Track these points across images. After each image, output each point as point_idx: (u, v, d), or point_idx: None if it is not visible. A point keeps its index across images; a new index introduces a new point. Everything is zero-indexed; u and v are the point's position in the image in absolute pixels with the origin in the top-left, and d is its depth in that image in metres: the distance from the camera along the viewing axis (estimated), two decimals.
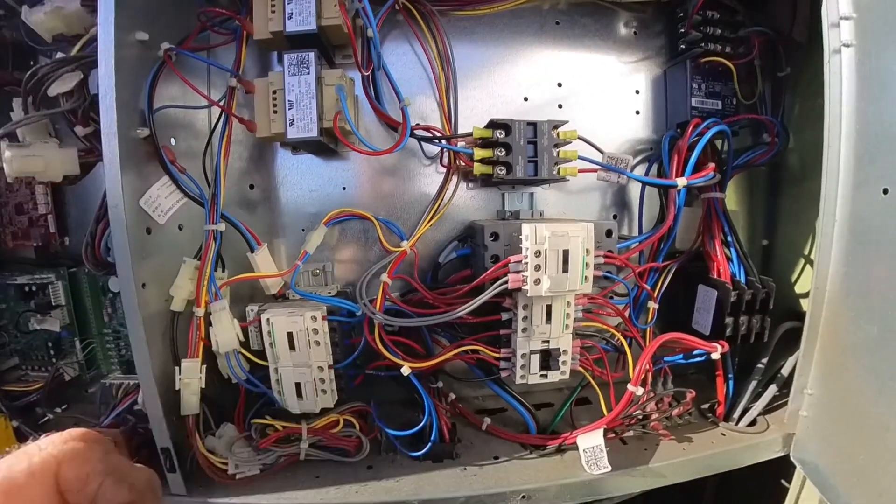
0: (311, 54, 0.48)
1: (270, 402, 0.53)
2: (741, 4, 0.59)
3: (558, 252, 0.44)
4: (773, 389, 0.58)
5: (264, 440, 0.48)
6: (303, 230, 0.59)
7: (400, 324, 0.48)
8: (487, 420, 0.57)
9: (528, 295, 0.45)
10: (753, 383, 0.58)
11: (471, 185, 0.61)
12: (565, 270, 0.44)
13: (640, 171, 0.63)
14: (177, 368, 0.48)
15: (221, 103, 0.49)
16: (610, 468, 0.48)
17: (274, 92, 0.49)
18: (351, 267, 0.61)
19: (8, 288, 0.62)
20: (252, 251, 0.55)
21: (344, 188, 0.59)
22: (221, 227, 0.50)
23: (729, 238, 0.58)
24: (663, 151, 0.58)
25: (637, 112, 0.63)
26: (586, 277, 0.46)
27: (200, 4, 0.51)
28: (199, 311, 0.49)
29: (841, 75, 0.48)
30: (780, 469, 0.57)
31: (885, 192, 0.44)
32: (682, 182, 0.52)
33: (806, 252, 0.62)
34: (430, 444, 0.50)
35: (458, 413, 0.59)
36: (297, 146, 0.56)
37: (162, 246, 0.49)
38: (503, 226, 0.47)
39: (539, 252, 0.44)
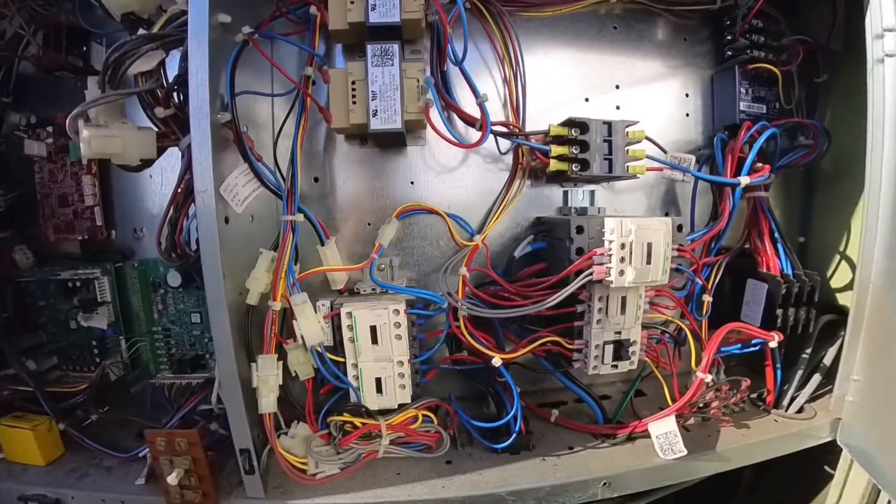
0: (396, 46, 0.48)
1: (340, 399, 0.52)
2: (783, 15, 0.63)
3: (643, 245, 0.46)
4: (817, 378, 0.62)
5: (346, 437, 0.48)
6: (368, 224, 0.59)
7: (488, 315, 0.48)
8: (555, 412, 0.58)
9: (614, 286, 0.47)
10: (799, 372, 0.62)
11: (530, 182, 0.62)
12: (648, 262, 0.46)
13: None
14: (253, 365, 0.47)
15: (297, 98, 0.49)
16: (686, 452, 0.50)
17: (353, 83, 0.49)
18: (415, 263, 0.61)
19: (48, 284, 0.59)
20: (322, 244, 0.54)
21: (412, 182, 0.59)
22: (300, 217, 0.49)
23: (776, 234, 0.62)
24: (716, 151, 0.61)
25: (687, 115, 0.66)
26: (666, 270, 0.48)
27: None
28: (276, 305, 0.48)
29: (884, 83, 0.52)
30: (819, 455, 0.61)
31: None
32: (745, 181, 0.55)
33: (841, 248, 0.66)
34: (514, 436, 0.50)
35: (524, 406, 0.60)
36: (371, 138, 0.55)
37: (237, 237, 0.48)
38: (587, 220, 0.48)
39: (624, 245, 0.46)
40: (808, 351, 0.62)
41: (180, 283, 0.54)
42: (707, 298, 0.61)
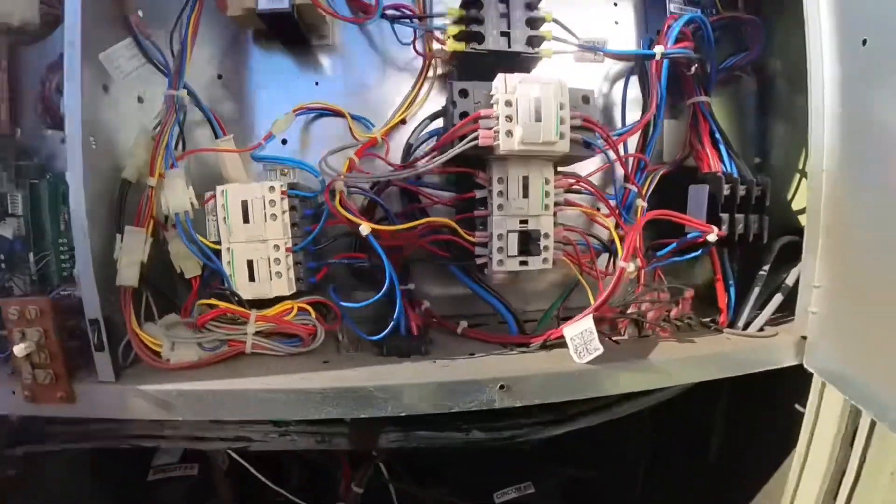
0: None
1: (219, 289, 0.48)
2: None
3: (530, 100, 0.42)
4: (778, 298, 0.53)
5: (203, 316, 0.43)
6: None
7: (358, 184, 0.44)
8: (464, 323, 0.52)
9: (501, 150, 0.43)
10: (756, 290, 0.54)
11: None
12: (538, 119, 0.42)
13: (620, 82, 0.62)
14: (118, 236, 0.44)
15: None
16: (602, 349, 0.42)
17: None
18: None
19: None
20: (217, 138, 0.53)
21: (317, 83, 0.58)
22: (182, 93, 0.48)
23: (717, 136, 0.56)
24: (644, 48, 0.57)
25: (616, 23, 0.63)
26: (562, 133, 0.43)
27: None
28: (152, 181, 0.46)
29: None
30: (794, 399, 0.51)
31: (864, 42, 0.42)
32: (659, 50, 0.51)
33: (799, 166, 0.60)
34: (391, 326, 0.44)
35: (433, 323, 0.54)
36: (270, 30, 0.55)
37: (119, 111, 0.47)
38: (473, 84, 0.45)
39: (510, 102, 0.42)
40: (766, 268, 0.55)
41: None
42: (641, 203, 0.55)
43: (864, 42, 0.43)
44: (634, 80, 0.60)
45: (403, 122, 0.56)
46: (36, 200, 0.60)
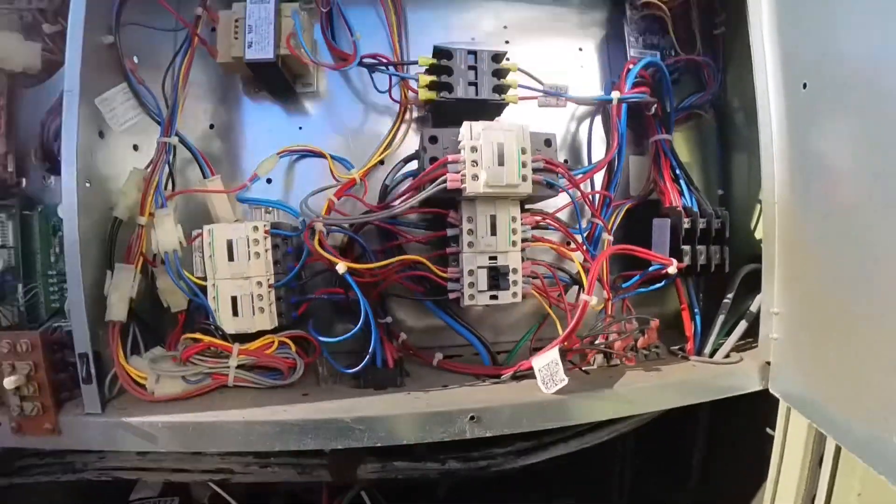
0: None
1: (204, 324, 0.52)
2: None
3: (493, 145, 0.47)
4: (743, 326, 0.57)
5: (188, 349, 0.47)
6: None
7: (336, 223, 0.49)
8: (439, 355, 0.55)
9: (467, 192, 0.47)
10: (721, 317, 0.58)
11: (423, 128, 0.64)
12: (500, 164, 0.46)
13: (586, 123, 0.67)
14: (108, 272, 0.48)
15: (185, 38, 0.55)
16: (566, 381, 0.45)
17: (236, 21, 0.55)
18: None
19: None
20: (205, 177, 0.57)
21: (300, 128, 0.63)
22: (174, 140, 0.53)
23: (678, 172, 0.61)
24: (605, 93, 0.62)
25: (581, 66, 0.69)
26: (524, 175, 0.48)
27: None
28: (143, 220, 0.51)
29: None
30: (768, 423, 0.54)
31: (805, 86, 0.48)
32: (615, 95, 0.56)
33: (759, 197, 0.64)
34: (366, 359, 0.48)
35: (410, 354, 0.57)
36: (257, 79, 0.61)
37: (114, 156, 0.52)
38: (441, 131, 0.49)
39: (475, 148, 0.47)
40: (730, 296, 0.59)
41: None
42: (606, 237, 0.59)
43: (805, 85, 0.48)
44: (599, 119, 0.65)
45: (381, 162, 0.61)
46: (27, 231, 0.64)
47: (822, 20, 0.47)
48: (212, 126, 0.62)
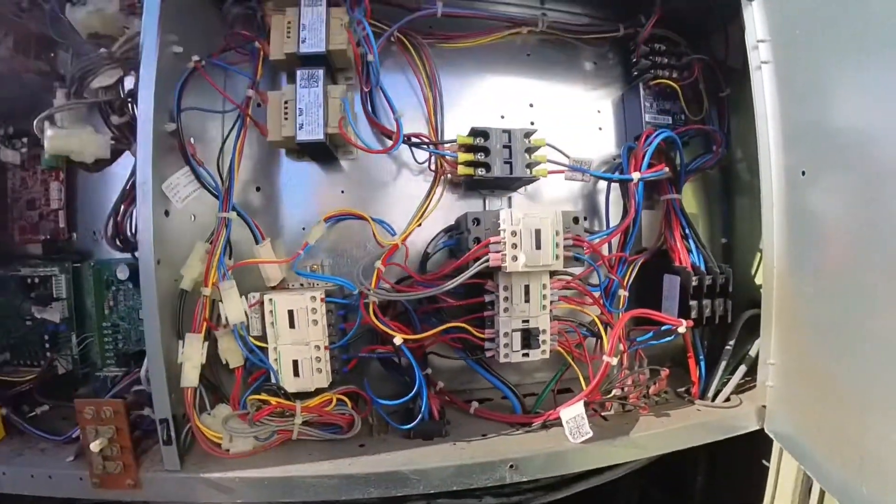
0: (321, 71, 0.59)
1: (267, 386, 0.58)
2: (683, 38, 0.74)
3: (531, 231, 0.53)
4: (742, 370, 0.65)
5: (258, 412, 0.53)
6: (303, 229, 0.67)
7: (391, 298, 0.54)
8: (475, 404, 0.62)
9: (507, 270, 0.53)
10: (723, 364, 0.65)
11: (456, 192, 0.70)
12: (538, 247, 0.53)
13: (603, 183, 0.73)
14: (180, 342, 0.53)
15: (237, 119, 0.59)
16: (591, 434, 0.53)
17: (285, 103, 0.59)
18: (345, 265, 0.68)
19: (9, 281, 0.67)
20: (257, 243, 0.62)
21: (342, 192, 0.68)
22: (232, 215, 0.58)
23: (687, 231, 0.68)
24: (623, 158, 0.69)
25: (600, 129, 0.75)
26: (557, 255, 0.54)
27: (226, 28, 0.63)
28: (207, 291, 0.55)
29: (763, 86, 0.61)
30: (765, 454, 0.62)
31: (803, 173, 0.54)
32: (636, 175, 0.62)
33: (760, 247, 0.71)
34: (419, 417, 0.54)
35: (447, 401, 0.64)
36: (303, 151, 0.65)
37: (176, 230, 0.56)
38: (484, 213, 0.55)
39: (515, 232, 0.53)
40: (731, 343, 0.66)
41: (128, 276, 0.62)
42: (622, 293, 0.66)
43: (803, 173, 0.55)
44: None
45: (419, 224, 0.66)
46: (78, 282, 0.68)
47: (820, 105, 0.53)
48: (258, 188, 0.67)
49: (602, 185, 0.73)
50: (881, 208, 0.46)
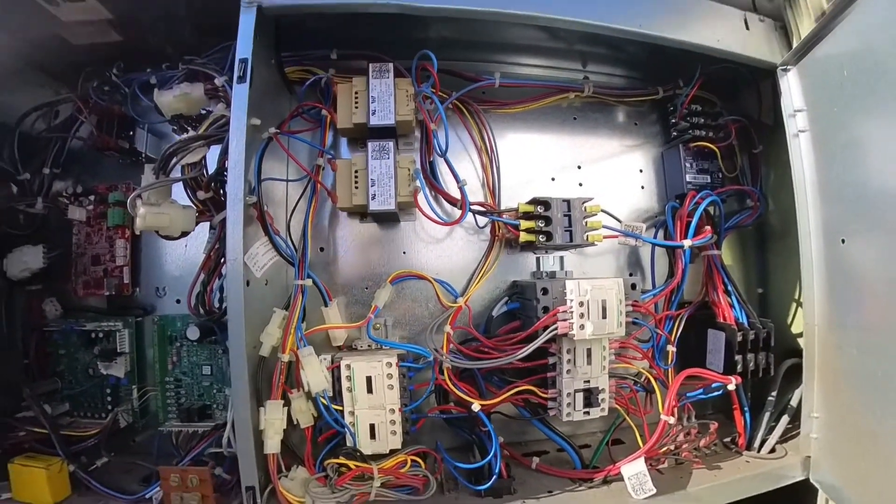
0: (391, 143, 0.64)
1: (336, 447, 0.62)
2: (718, 98, 0.80)
3: (598, 302, 0.58)
4: (785, 420, 0.71)
5: (341, 478, 0.57)
6: (366, 288, 0.72)
7: (467, 366, 0.59)
8: (536, 459, 0.67)
9: (575, 339, 0.58)
10: (767, 415, 0.71)
11: (510, 250, 0.76)
12: (604, 317, 0.58)
13: (648, 234, 0.79)
14: (261, 409, 0.57)
15: (308, 185, 0.65)
16: (655, 490, 0.58)
17: (356, 171, 0.64)
18: (406, 323, 0.73)
19: (72, 334, 0.71)
20: (325, 305, 0.66)
21: (404, 252, 0.73)
22: (308, 282, 0.62)
23: (729, 287, 0.74)
24: (667, 218, 0.75)
25: (642, 187, 0.81)
26: (620, 323, 0.59)
27: (295, 99, 0.68)
28: (285, 357, 0.60)
29: (801, 154, 0.68)
30: (805, 499, 0.68)
31: (843, 241, 0.61)
32: (687, 243, 0.68)
33: (795, 296, 0.78)
34: (493, 478, 0.59)
35: (507, 455, 0.69)
36: (369, 216, 0.70)
37: (255, 297, 0.60)
38: (551, 283, 0.61)
39: (582, 303, 0.58)
40: (774, 394, 0.72)
41: (198, 336, 0.66)
42: (671, 349, 0.72)
43: (843, 241, 0.62)
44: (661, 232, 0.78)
45: (479, 285, 0.71)
46: (140, 336, 0.72)
47: (856, 169, 0.59)
48: (322, 249, 0.72)
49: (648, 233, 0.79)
50: None
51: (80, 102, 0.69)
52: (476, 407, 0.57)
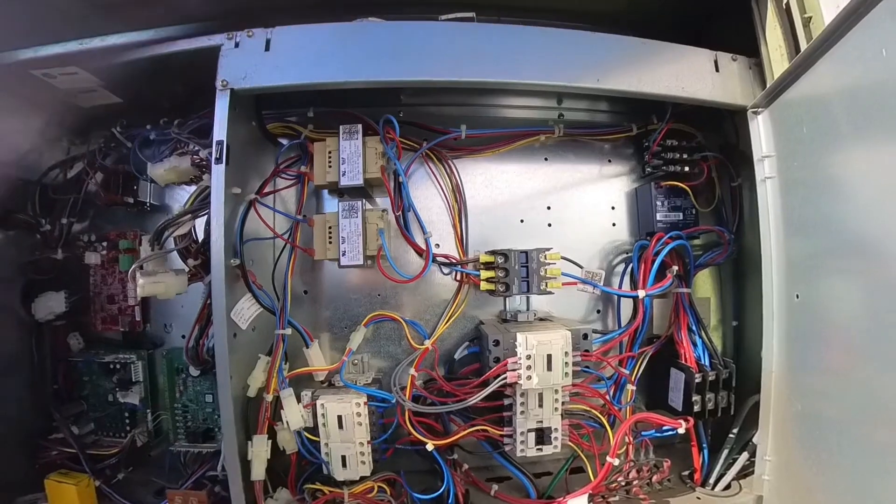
0: (359, 203, 0.72)
1: (316, 471, 0.73)
2: (698, 129, 0.82)
3: (543, 357, 0.65)
4: (744, 457, 0.76)
5: (315, 501, 0.68)
6: (345, 328, 0.81)
7: (427, 411, 0.68)
8: (495, 487, 0.76)
9: (523, 388, 0.66)
10: (725, 452, 0.77)
11: (479, 293, 0.82)
12: (549, 369, 0.65)
13: (619, 269, 0.84)
14: (249, 443, 0.69)
15: (289, 238, 0.73)
16: None
17: (329, 227, 0.73)
18: (382, 357, 0.83)
19: (94, 364, 0.85)
20: (307, 346, 0.77)
21: (379, 295, 0.81)
22: (288, 331, 0.72)
23: (694, 327, 0.78)
24: (633, 259, 0.79)
25: (613, 224, 0.85)
26: (566, 373, 0.66)
27: (279, 149, 0.77)
28: (269, 397, 0.70)
29: (767, 199, 0.70)
30: None
31: (797, 296, 0.64)
32: (641, 294, 0.73)
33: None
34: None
35: (470, 481, 0.78)
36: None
37: (243, 345, 0.71)
38: (503, 335, 0.68)
39: (529, 356, 0.65)
40: (735, 431, 0.77)
41: (199, 373, 0.78)
42: (631, 388, 0.78)
43: (797, 296, 0.65)
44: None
45: (447, 326, 0.79)
46: (152, 366, 0.85)
47: (821, 213, 0.61)
48: (305, 292, 0.82)
49: (616, 275, 0.84)
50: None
51: (87, 165, 0.80)
52: (430, 447, 0.66)
